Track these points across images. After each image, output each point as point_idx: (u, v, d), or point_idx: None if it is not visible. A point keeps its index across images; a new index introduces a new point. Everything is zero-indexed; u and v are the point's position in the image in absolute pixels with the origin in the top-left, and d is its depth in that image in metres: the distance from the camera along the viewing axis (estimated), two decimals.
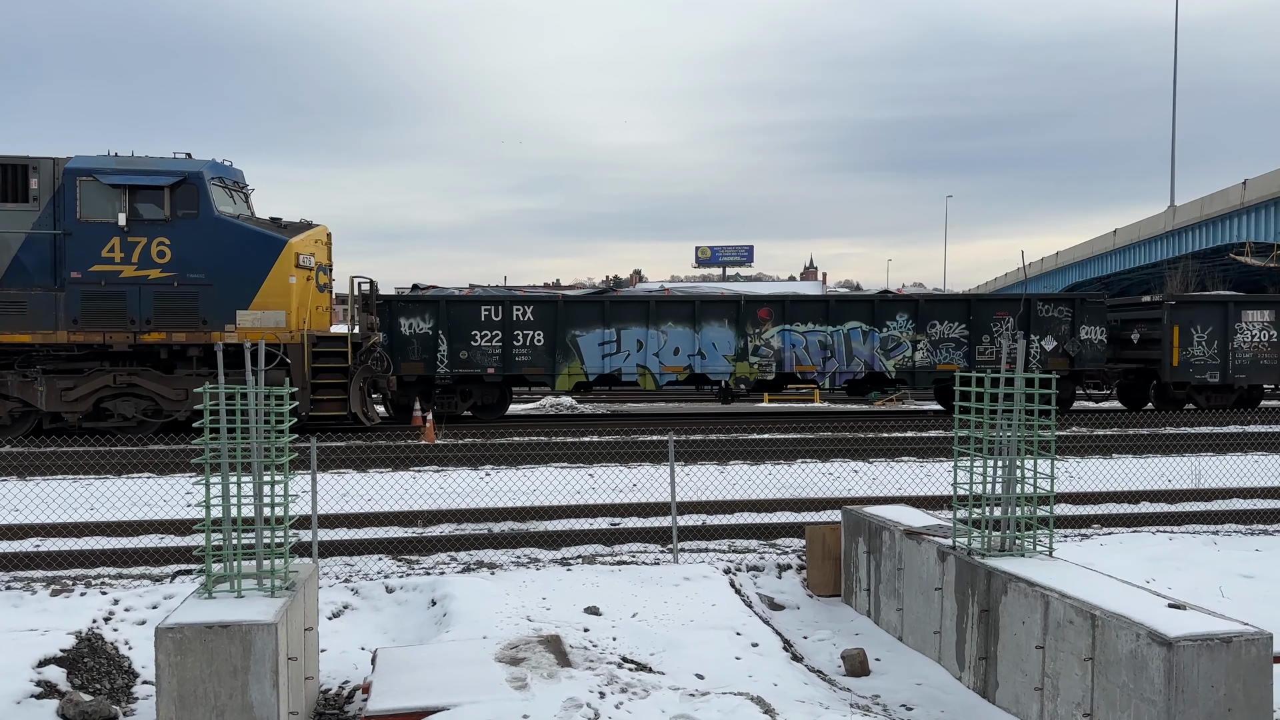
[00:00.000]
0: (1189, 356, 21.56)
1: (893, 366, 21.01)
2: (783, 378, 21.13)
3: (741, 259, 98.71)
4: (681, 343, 20.48)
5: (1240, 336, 21.72)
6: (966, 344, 21.09)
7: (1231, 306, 21.96)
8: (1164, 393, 22.29)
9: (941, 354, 21.09)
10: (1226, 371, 21.71)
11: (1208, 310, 22.04)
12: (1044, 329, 21.08)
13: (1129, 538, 9.76)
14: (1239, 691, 4.80)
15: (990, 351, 20.94)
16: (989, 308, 21.34)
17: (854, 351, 20.90)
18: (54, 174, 16.53)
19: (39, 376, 16.77)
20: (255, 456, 5.87)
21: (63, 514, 11.04)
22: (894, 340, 21.01)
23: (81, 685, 6.24)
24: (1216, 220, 47.38)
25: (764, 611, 8.29)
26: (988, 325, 21.04)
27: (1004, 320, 21.06)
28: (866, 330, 20.93)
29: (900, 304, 21.31)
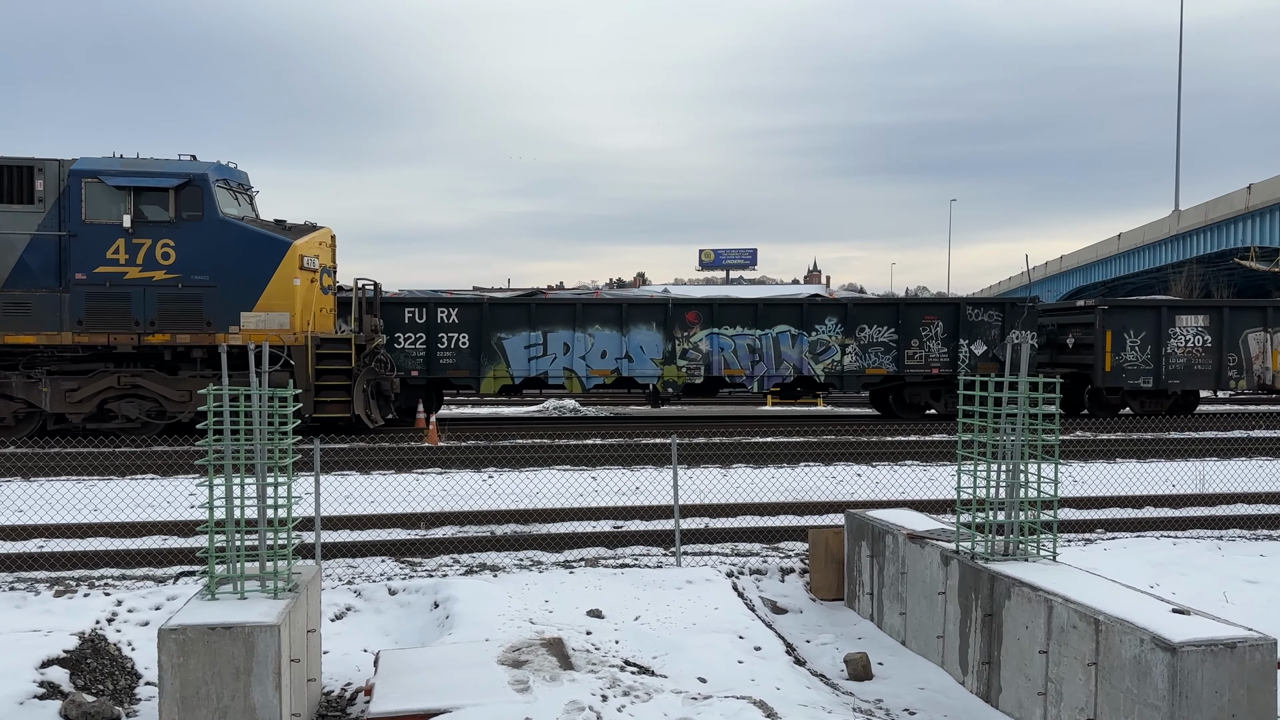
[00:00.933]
0: (1122, 362, 21.36)
1: (821, 370, 20.90)
2: (711, 381, 20.97)
3: (745, 262, 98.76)
4: (609, 346, 20.37)
5: (1174, 341, 21.50)
6: (896, 348, 20.97)
7: (1165, 311, 21.78)
8: (1098, 398, 22.13)
9: (870, 358, 20.97)
10: (1160, 377, 21.47)
11: (1141, 315, 21.82)
12: (973, 333, 20.98)
13: (1133, 542, 9.74)
14: (1243, 697, 4.79)
15: (919, 356, 20.85)
16: (918, 312, 21.26)
17: (783, 355, 20.77)
18: (59, 175, 16.57)
19: (43, 377, 16.80)
20: (259, 458, 5.87)
21: (66, 515, 11.06)
22: (823, 344, 20.89)
23: (84, 686, 6.24)
24: (1221, 225, 47.33)
25: (767, 615, 8.28)
26: (917, 329, 20.94)
27: (933, 324, 20.96)
28: (795, 334, 20.81)
29: (829, 308, 21.24)
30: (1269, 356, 21.65)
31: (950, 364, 20.96)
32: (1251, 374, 21.66)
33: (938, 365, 20.99)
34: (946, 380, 21.09)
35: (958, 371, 20.91)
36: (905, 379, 21.15)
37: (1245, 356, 21.67)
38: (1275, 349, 21.66)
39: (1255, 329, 21.72)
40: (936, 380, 21.18)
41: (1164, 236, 53.41)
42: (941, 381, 21.19)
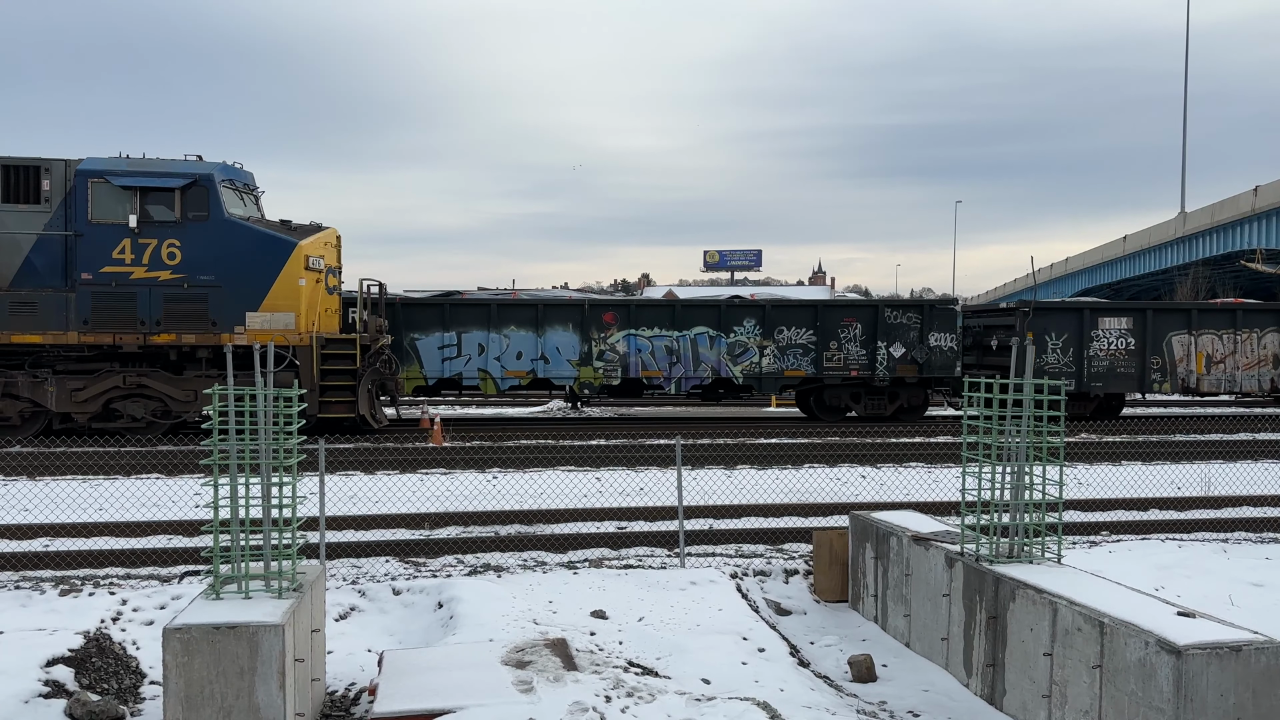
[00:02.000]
0: (1042, 364, 21.14)
1: (740, 372, 20.77)
2: (629, 383, 20.87)
3: (750, 263, 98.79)
4: (524, 347, 20.30)
5: (1097, 344, 21.32)
6: (814, 350, 20.88)
7: (1087, 314, 21.59)
8: None
9: (789, 360, 20.86)
10: (1082, 379, 21.30)
11: (1062, 317, 21.62)
12: (892, 335, 20.88)
13: (1138, 545, 9.72)
14: (1248, 700, 4.77)
15: (838, 358, 20.74)
16: (836, 314, 21.13)
17: (701, 357, 20.66)
18: (65, 175, 16.62)
19: (49, 377, 16.85)
20: (264, 458, 5.88)
21: (71, 514, 11.09)
22: (741, 346, 20.77)
23: (89, 685, 6.26)
24: (1227, 227, 47.22)
25: (771, 617, 8.28)
26: (835, 331, 20.85)
27: (852, 326, 20.85)
28: (713, 336, 20.70)
29: (747, 309, 21.10)
30: (1193, 359, 21.46)
31: (869, 366, 20.85)
32: (1175, 377, 21.46)
33: (856, 368, 20.89)
34: (865, 382, 21.00)
35: (875, 374, 20.84)
36: (824, 381, 21.03)
37: (1169, 359, 21.48)
38: (1200, 351, 21.48)
39: (1179, 331, 21.52)
40: (856, 382, 21.06)
41: (1170, 238, 53.30)
42: (860, 384, 21.08)
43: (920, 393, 21.46)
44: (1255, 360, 21.62)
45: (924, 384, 21.36)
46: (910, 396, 21.41)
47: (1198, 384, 21.57)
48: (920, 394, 21.48)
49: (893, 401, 21.36)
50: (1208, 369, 21.53)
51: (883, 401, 21.29)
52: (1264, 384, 21.75)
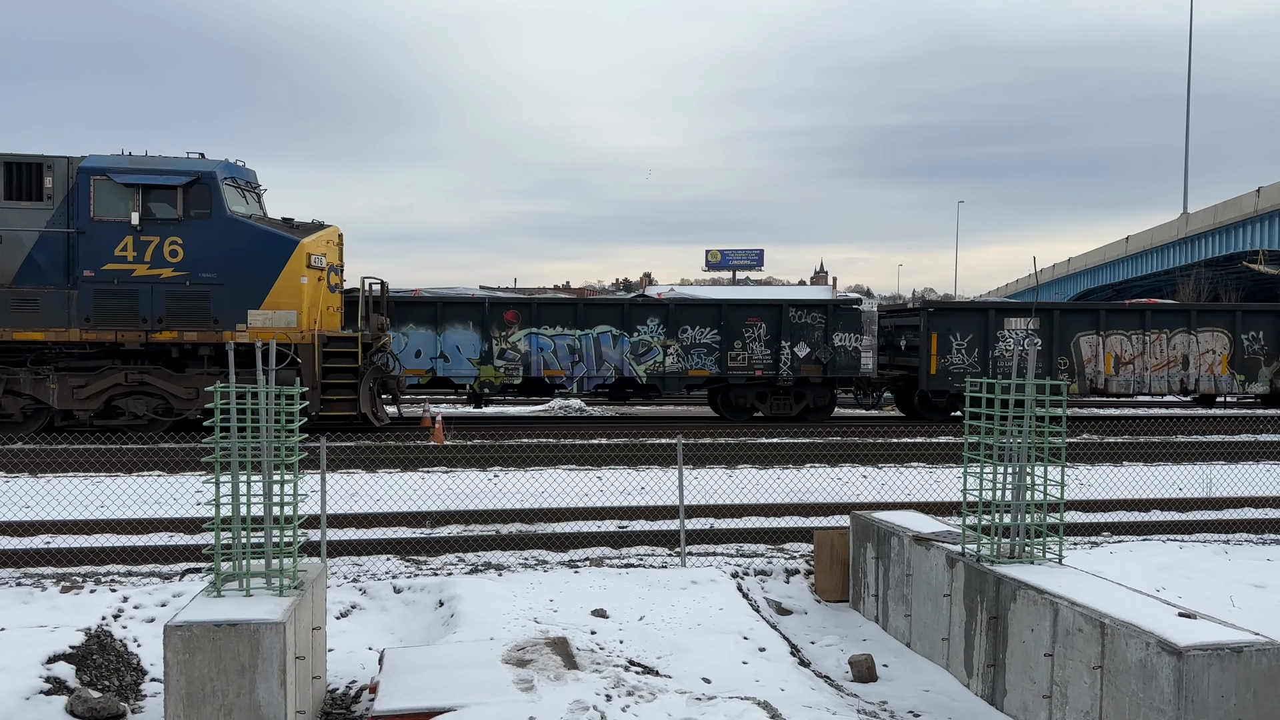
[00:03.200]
0: (947, 364, 21.06)
1: (644, 372, 20.67)
2: (530, 382, 20.79)
3: (751, 263, 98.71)
4: (424, 345, 20.24)
5: (1002, 344, 21.21)
6: (719, 349, 20.78)
7: (992, 314, 21.49)
8: (924, 400, 21.87)
9: (693, 359, 20.74)
10: None
11: (967, 317, 21.54)
12: (797, 335, 20.80)
13: (1139, 546, 9.71)
14: (1250, 702, 4.77)
15: (742, 358, 20.62)
16: (741, 313, 21.00)
17: (604, 356, 20.55)
18: (68, 173, 16.62)
19: (51, 374, 16.86)
20: (265, 456, 5.89)
21: (73, 511, 11.10)
22: (645, 345, 20.67)
23: (90, 682, 6.26)
24: (1230, 228, 47.20)
25: (771, 616, 8.28)
26: (740, 331, 20.74)
27: (756, 326, 20.76)
28: (617, 335, 20.60)
29: (650, 308, 21.03)
30: (1101, 360, 21.37)
31: (773, 366, 20.76)
32: (1083, 377, 21.37)
33: (761, 367, 20.79)
34: (770, 382, 20.90)
35: (779, 374, 20.75)
36: (729, 381, 20.94)
37: (1077, 359, 21.37)
38: (1108, 352, 21.39)
39: (1088, 331, 21.43)
40: (761, 382, 20.95)
41: (1172, 239, 53.28)
42: (766, 383, 20.98)
43: (826, 393, 21.39)
44: (1165, 361, 21.52)
45: (829, 384, 21.31)
46: (816, 396, 21.32)
47: (1106, 385, 21.47)
48: (826, 394, 21.41)
49: (799, 401, 21.26)
50: (1116, 370, 21.43)
51: (788, 401, 21.19)
52: (1173, 385, 21.65)
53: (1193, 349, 21.56)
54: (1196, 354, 21.57)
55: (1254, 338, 21.71)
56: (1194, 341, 21.55)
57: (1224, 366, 21.57)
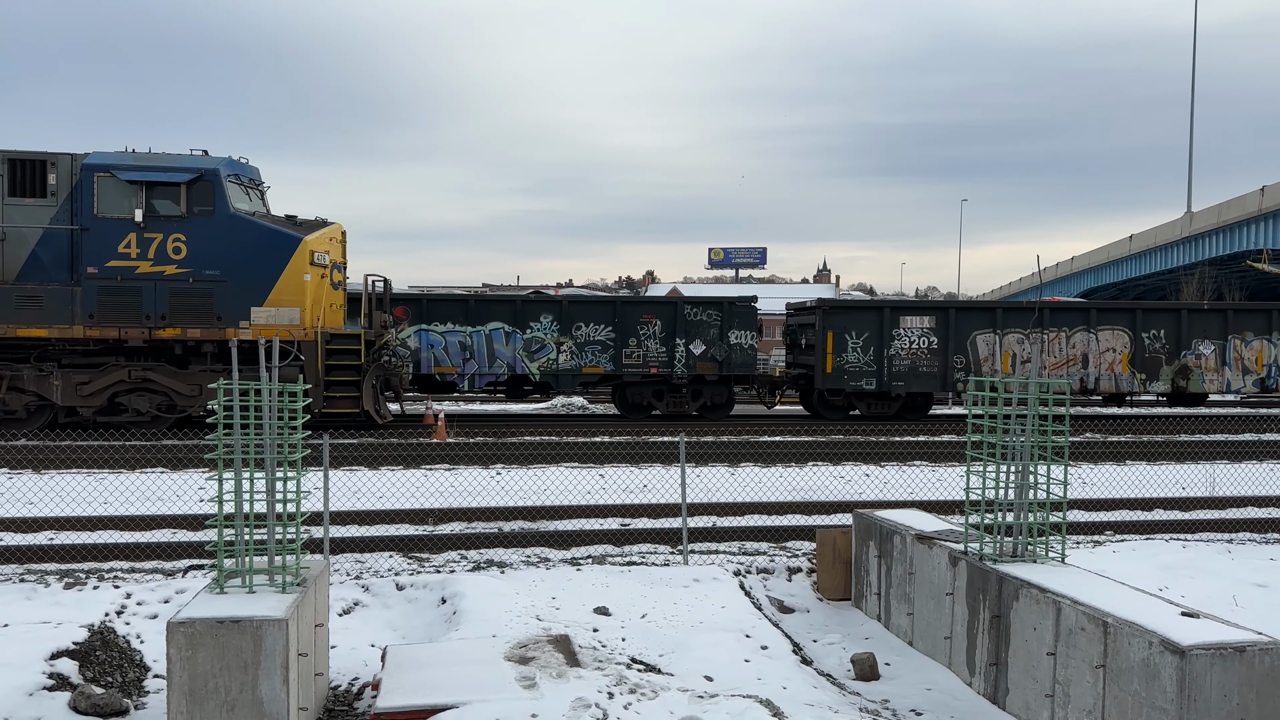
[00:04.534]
0: (843, 363, 21.04)
1: (537, 369, 20.62)
2: (420, 379, 20.68)
3: (755, 261, 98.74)
4: None
5: (898, 343, 21.14)
6: (613, 347, 20.71)
7: (888, 312, 21.43)
8: (821, 399, 21.79)
9: (587, 357, 20.69)
10: (883, 379, 21.10)
11: (863, 316, 21.48)
12: (692, 333, 20.74)
13: (1142, 545, 9.70)
14: (1252, 701, 4.76)
15: (637, 355, 20.54)
16: (636, 310, 20.98)
17: (496, 353, 20.45)
18: (71, 170, 16.65)
19: (55, 371, 16.89)
20: (268, 453, 5.89)
21: (76, 508, 11.12)
22: (538, 342, 20.61)
23: (93, 678, 6.27)
24: (1234, 227, 47.09)
25: (773, 614, 8.28)
26: (635, 328, 20.68)
27: (651, 323, 20.73)
28: (509, 332, 20.54)
29: (544, 305, 20.96)
30: (998, 359, 21.28)
31: (668, 363, 20.71)
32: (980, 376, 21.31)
33: (656, 365, 20.76)
34: (665, 380, 20.82)
35: (674, 371, 20.68)
36: (624, 378, 20.88)
37: (974, 358, 21.30)
38: (1005, 351, 21.30)
39: (985, 330, 21.35)
40: (656, 380, 20.87)
41: (1176, 238, 53.16)
42: (661, 381, 20.89)
43: (724, 390, 21.35)
44: (1064, 360, 21.41)
45: (726, 381, 21.23)
46: (713, 394, 21.29)
47: None
48: (724, 391, 21.37)
49: (696, 399, 21.23)
50: (1014, 368, 21.35)
51: (685, 399, 21.15)
52: (1073, 384, 21.43)
53: (1093, 348, 21.42)
54: (1097, 353, 21.44)
55: (1155, 336, 21.58)
56: (1094, 340, 21.41)
57: (1124, 365, 21.47)
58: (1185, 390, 21.78)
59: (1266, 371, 21.70)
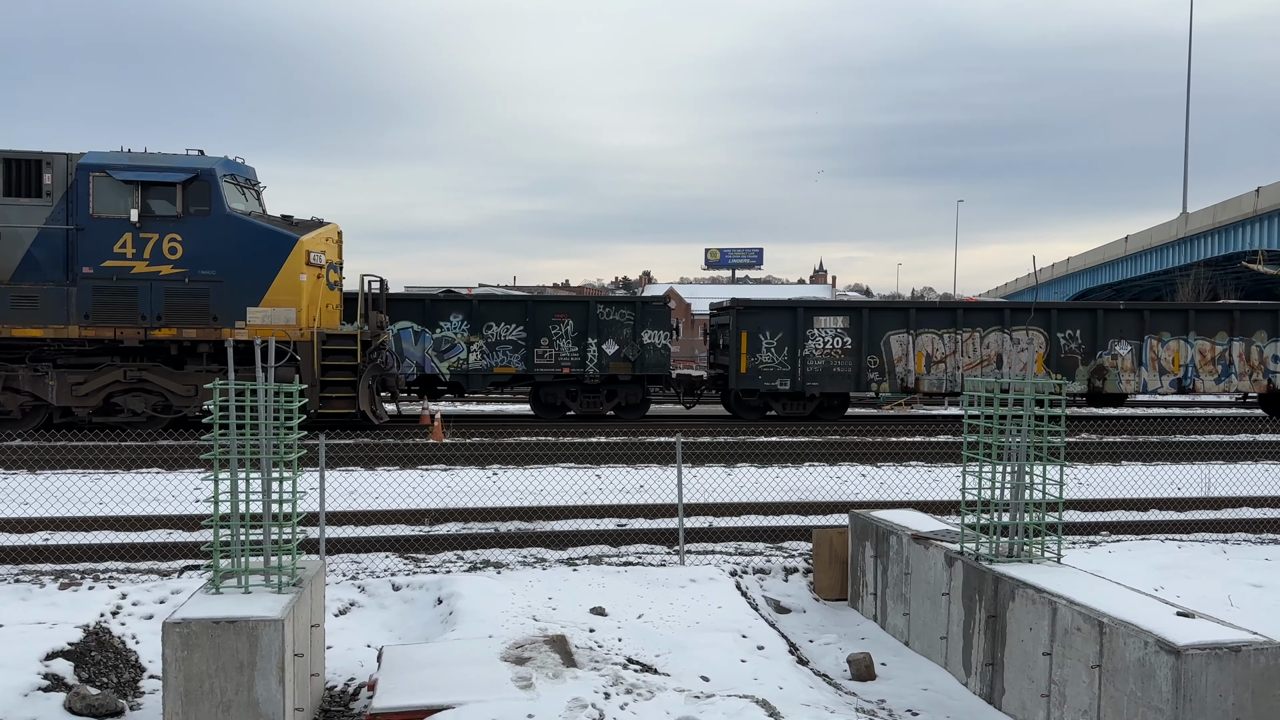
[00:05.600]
0: (758, 363, 20.93)
1: (447, 369, 20.46)
2: None
3: (751, 261, 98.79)
4: None
5: (812, 343, 21.08)
6: (525, 346, 20.59)
7: (802, 312, 21.36)
8: (739, 400, 21.71)
9: (499, 356, 20.53)
10: (797, 379, 21.03)
11: (777, 316, 21.36)
12: (605, 333, 20.65)
13: (1137, 545, 9.72)
14: (1248, 701, 4.77)
15: (549, 355, 20.43)
16: (547, 309, 20.83)
17: (405, 353, 20.26)
18: (67, 169, 16.62)
19: (50, 371, 16.86)
20: (264, 453, 5.88)
21: (72, 508, 11.10)
22: (448, 341, 20.45)
23: (88, 679, 6.26)
24: (1229, 228, 47.19)
25: (770, 614, 8.28)
26: (547, 328, 20.57)
27: (563, 323, 20.63)
28: (418, 331, 20.36)
29: (454, 304, 20.77)
30: (912, 359, 21.24)
31: (581, 363, 20.61)
32: (894, 376, 21.24)
33: (568, 364, 20.64)
34: (579, 379, 20.72)
35: (587, 371, 20.58)
36: (535, 378, 20.78)
37: (887, 358, 21.25)
38: (919, 351, 21.26)
39: (898, 330, 21.31)
40: (569, 380, 20.77)
41: (1171, 239, 53.26)
42: (574, 381, 20.80)
43: (638, 390, 21.24)
44: (978, 360, 21.35)
45: (639, 381, 21.13)
46: (628, 394, 21.19)
47: (917, 384, 21.34)
48: (638, 392, 21.26)
49: (610, 399, 21.13)
50: (928, 369, 21.30)
51: (599, 399, 21.07)
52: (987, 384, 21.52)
53: (1007, 348, 21.35)
54: (1012, 353, 21.38)
55: (1071, 336, 21.51)
56: (1008, 340, 21.34)
57: (1040, 365, 21.39)
58: (1102, 390, 21.71)
59: (1183, 372, 21.63)
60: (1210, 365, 21.72)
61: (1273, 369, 21.77)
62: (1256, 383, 21.84)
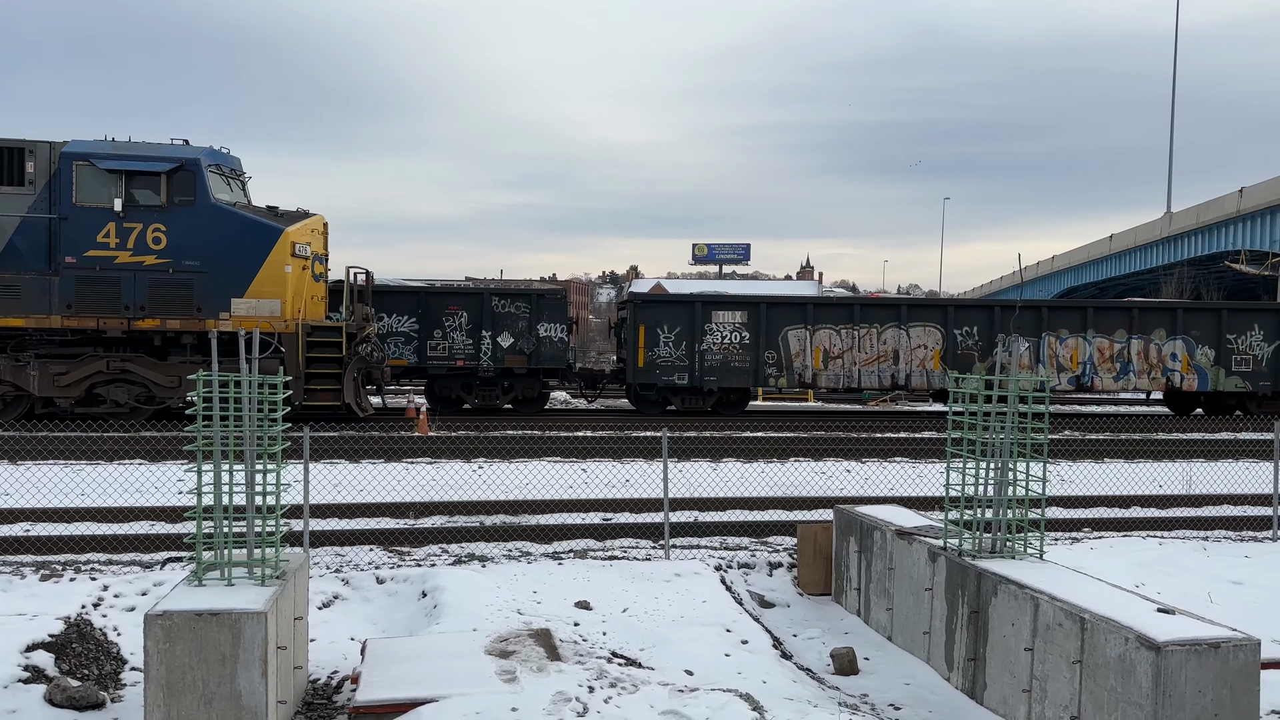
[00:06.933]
0: (655, 358, 20.93)
1: None
2: None
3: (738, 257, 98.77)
4: None
5: (710, 338, 21.08)
6: (418, 338, 20.49)
7: (699, 306, 21.36)
8: (636, 394, 21.68)
9: (391, 348, 20.37)
10: (695, 374, 21.00)
11: (675, 310, 21.38)
12: (500, 325, 20.53)
13: (1119, 542, 9.79)
14: (1226, 697, 4.82)
15: (443, 347, 20.20)
16: (441, 301, 20.62)
17: None
18: (50, 158, 16.48)
19: (32, 361, 16.72)
20: (248, 445, 5.85)
21: (53, 499, 11.01)
22: None
23: (69, 671, 6.22)
24: (1213, 227, 47.51)
25: (754, 609, 8.30)
26: (440, 320, 20.41)
27: (457, 314, 20.49)
28: None
29: None
30: (810, 354, 21.31)
31: (475, 356, 20.45)
32: (792, 371, 21.29)
33: (462, 357, 20.48)
34: (473, 372, 20.56)
35: (481, 364, 20.42)
36: (429, 371, 20.66)
37: (785, 354, 21.30)
38: (817, 346, 21.33)
39: (796, 326, 21.36)
40: (464, 372, 20.60)
41: (1156, 238, 53.59)
42: (469, 374, 20.61)
43: (534, 384, 21.12)
44: (875, 356, 21.42)
45: (535, 374, 21.01)
46: (524, 388, 21.08)
47: (814, 379, 21.40)
48: (535, 385, 21.14)
49: (506, 393, 21.00)
50: (825, 364, 21.36)
51: (495, 392, 20.92)
52: (884, 380, 21.49)
53: (904, 344, 21.39)
54: (908, 349, 21.41)
55: (968, 333, 21.56)
56: (905, 336, 21.39)
57: (936, 362, 21.45)
58: None
59: (1082, 369, 21.64)
60: (1109, 363, 21.73)
61: (1171, 367, 21.78)
62: (1155, 381, 21.86)
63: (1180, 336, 21.68)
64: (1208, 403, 22.57)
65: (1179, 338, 21.72)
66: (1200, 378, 21.84)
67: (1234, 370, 21.79)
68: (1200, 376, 21.84)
